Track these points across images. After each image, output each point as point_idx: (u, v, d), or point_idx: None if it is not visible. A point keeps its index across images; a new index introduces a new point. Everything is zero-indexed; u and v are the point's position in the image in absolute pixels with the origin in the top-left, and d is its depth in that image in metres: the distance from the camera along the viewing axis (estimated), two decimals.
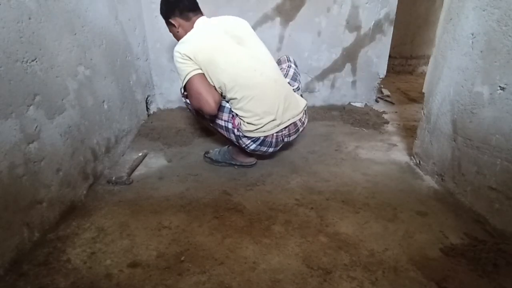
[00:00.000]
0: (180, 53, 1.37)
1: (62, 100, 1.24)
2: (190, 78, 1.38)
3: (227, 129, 1.52)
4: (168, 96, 2.54)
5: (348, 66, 2.60)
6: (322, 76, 2.61)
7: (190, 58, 1.37)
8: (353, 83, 2.67)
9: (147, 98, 2.30)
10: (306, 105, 1.63)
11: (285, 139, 1.59)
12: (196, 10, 1.50)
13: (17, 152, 1.00)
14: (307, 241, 1.15)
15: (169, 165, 1.71)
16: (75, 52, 1.33)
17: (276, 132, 1.51)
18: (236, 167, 1.67)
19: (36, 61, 1.09)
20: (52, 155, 1.17)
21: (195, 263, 1.04)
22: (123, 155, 1.78)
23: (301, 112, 1.59)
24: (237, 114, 1.49)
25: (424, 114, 1.64)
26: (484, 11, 1.21)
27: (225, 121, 1.51)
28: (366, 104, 2.72)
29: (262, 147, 1.54)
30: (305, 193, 1.45)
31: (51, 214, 1.17)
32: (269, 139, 1.52)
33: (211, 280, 0.97)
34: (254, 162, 1.68)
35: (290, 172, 1.63)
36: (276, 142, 1.55)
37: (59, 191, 1.21)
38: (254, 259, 1.06)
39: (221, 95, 1.47)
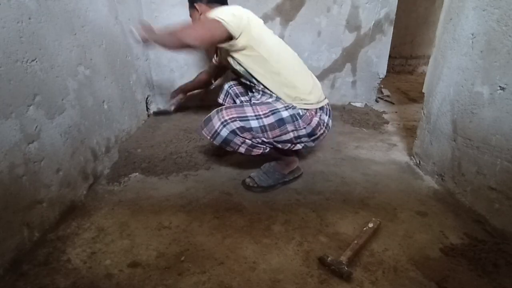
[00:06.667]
0: (236, 13, 1.30)
1: (62, 100, 1.24)
2: (219, 20, 1.26)
3: (294, 128, 1.34)
4: (168, 96, 2.54)
5: (348, 66, 2.60)
6: (322, 76, 2.61)
7: (241, 20, 1.29)
8: (353, 83, 2.67)
9: (147, 98, 2.30)
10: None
11: (330, 119, 1.48)
12: (223, 5, 1.49)
13: (17, 152, 1.00)
14: (307, 241, 1.15)
15: None
16: (75, 52, 1.33)
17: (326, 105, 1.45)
18: (289, 182, 1.52)
19: (36, 61, 1.09)
20: (52, 155, 1.17)
21: (195, 263, 1.04)
22: None
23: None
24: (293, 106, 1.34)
25: (424, 114, 1.64)
26: (484, 11, 1.21)
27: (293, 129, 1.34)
28: (366, 104, 2.72)
29: (330, 119, 1.44)
30: (305, 193, 1.45)
31: (51, 214, 1.17)
32: (327, 108, 1.44)
33: (211, 280, 0.97)
34: (301, 170, 1.56)
35: None
36: (331, 114, 1.47)
37: (59, 191, 1.21)
38: (254, 259, 1.06)
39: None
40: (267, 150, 1.37)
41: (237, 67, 1.42)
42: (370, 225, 1.18)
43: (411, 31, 4.18)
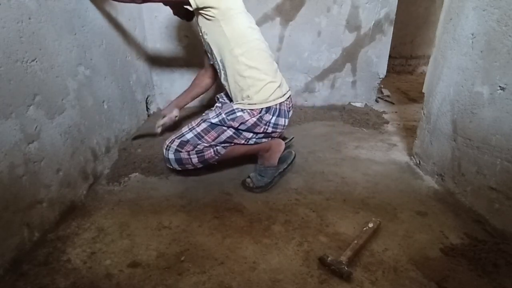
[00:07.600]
0: None
1: (62, 100, 1.24)
2: None
3: (248, 128, 1.39)
4: (168, 96, 2.53)
5: (348, 66, 2.60)
6: (322, 76, 2.61)
7: None
8: (353, 83, 2.66)
9: (147, 98, 2.30)
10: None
11: (289, 112, 1.51)
12: None
13: (17, 152, 1.00)
14: (307, 241, 1.15)
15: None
16: (75, 52, 1.33)
17: (285, 101, 1.46)
18: (283, 172, 1.56)
19: (36, 61, 1.09)
20: (52, 155, 1.17)
21: (195, 263, 1.04)
22: None
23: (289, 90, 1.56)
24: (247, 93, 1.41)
25: (424, 114, 1.64)
26: (484, 11, 1.21)
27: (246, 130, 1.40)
28: (366, 104, 2.72)
29: (279, 118, 1.44)
30: (305, 193, 1.45)
31: (51, 214, 1.17)
32: (283, 107, 1.44)
33: (211, 280, 0.97)
34: (293, 153, 1.62)
35: (290, 172, 1.63)
36: (286, 111, 1.47)
37: (59, 191, 1.21)
38: (254, 259, 1.06)
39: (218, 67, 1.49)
40: (222, 151, 1.41)
41: (205, 37, 1.44)
42: (370, 225, 1.18)
43: (411, 31, 4.17)
